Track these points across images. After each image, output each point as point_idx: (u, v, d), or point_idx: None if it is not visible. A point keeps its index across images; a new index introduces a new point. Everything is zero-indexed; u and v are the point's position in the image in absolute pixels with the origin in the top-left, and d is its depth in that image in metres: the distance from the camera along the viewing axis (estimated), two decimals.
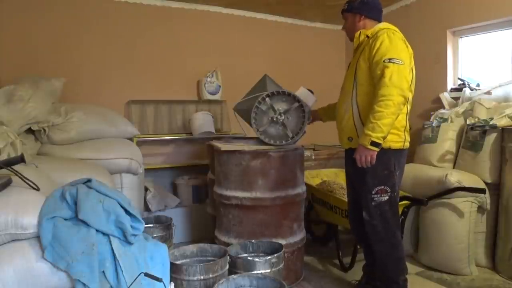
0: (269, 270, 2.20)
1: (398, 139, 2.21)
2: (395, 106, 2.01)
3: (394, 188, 2.23)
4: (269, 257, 2.23)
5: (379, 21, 2.32)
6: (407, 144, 2.27)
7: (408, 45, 2.18)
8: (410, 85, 2.11)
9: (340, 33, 5.04)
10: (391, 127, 2.07)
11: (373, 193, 2.21)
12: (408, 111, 2.24)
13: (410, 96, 2.13)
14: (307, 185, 2.96)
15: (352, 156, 2.21)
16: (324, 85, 3.75)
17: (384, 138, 2.06)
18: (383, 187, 2.20)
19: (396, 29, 2.24)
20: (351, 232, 2.68)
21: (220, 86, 4.09)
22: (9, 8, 3.30)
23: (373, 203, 2.22)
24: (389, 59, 2.03)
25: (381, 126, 2.02)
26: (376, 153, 2.08)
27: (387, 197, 2.21)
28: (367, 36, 2.24)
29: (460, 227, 2.85)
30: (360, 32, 2.28)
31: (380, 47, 2.10)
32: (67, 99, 3.17)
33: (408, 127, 2.26)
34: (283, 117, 2.70)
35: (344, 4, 2.39)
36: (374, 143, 2.05)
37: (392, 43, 2.09)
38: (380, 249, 2.28)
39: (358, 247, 2.87)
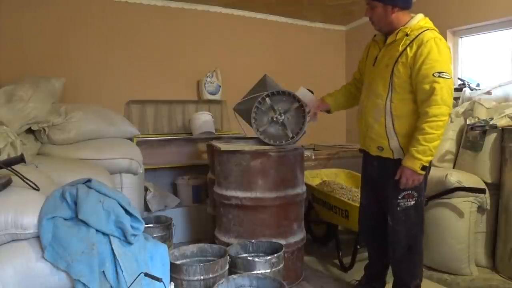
0: (269, 270, 2.20)
1: None
2: (445, 127, 1.94)
3: (421, 193, 2.14)
4: (269, 257, 2.23)
5: (409, 9, 2.09)
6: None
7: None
8: None
9: (340, 33, 5.11)
10: (437, 149, 1.99)
11: (399, 198, 2.11)
12: None
13: None
14: (307, 185, 2.96)
15: (380, 163, 2.15)
16: (324, 85, 3.74)
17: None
18: (410, 191, 2.10)
19: (437, 31, 2.04)
20: (359, 233, 2.66)
21: (220, 86, 4.10)
22: (9, 8, 3.30)
23: (398, 208, 2.13)
24: (439, 73, 1.88)
25: (432, 150, 1.93)
26: (419, 178, 2.00)
27: (413, 202, 2.12)
28: (407, 34, 2.00)
29: (460, 227, 2.84)
30: (400, 30, 2.03)
31: (428, 57, 1.91)
32: (67, 99, 3.17)
33: None
34: (283, 117, 2.70)
35: None
36: (423, 167, 1.97)
37: (442, 54, 1.92)
38: (397, 251, 2.21)
39: (358, 247, 2.88)
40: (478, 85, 3.59)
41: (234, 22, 4.35)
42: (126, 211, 1.67)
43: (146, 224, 2.44)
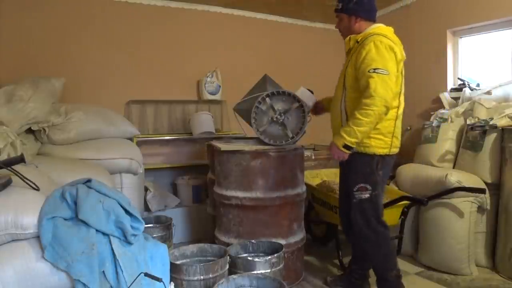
0: (269, 270, 2.20)
1: (384, 145, 2.26)
2: (375, 116, 2.08)
3: (375, 187, 2.27)
4: (269, 257, 2.23)
5: (374, 21, 2.32)
6: (395, 150, 2.33)
7: (397, 51, 2.17)
8: (400, 92, 2.23)
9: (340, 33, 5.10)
10: (367, 134, 2.16)
11: (354, 190, 2.28)
12: (398, 116, 2.27)
13: (395, 103, 2.20)
14: (307, 185, 2.96)
15: (346, 160, 2.29)
16: (324, 85, 3.74)
17: (357, 143, 2.17)
18: (363, 184, 2.26)
19: (388, 32, 2.24)
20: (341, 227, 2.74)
21: (220, 86, 4.09)
22: (9, 8, 3.30)
23: (354, 200, 2.29)
24: (374, 69, 2.07)
25: (356, 133, 2.12)
26: (347, 155, 2.21)
27: (368, 195, 2.26)
28: (357, 42, 2.25)
29: (460, 227, 2.85)
30: (350, 37, 2.30)
31: (366, 56, 2.12)
32: (67, 99, 3.17)
33: (397, 133, 2.31)
34: (283, 117, 2.70)
35: (338, 3, 2.34)
36: (346, 146, 2.17)
37: (379, 52, 2.10)
38: (365, 247, 2.36)
39: None
40: (478, 85, 3.59)
41: (234, 22, 4.35)
42: (126, 211, 1.67)
43: (146, 224, 2.44)
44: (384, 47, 2.12)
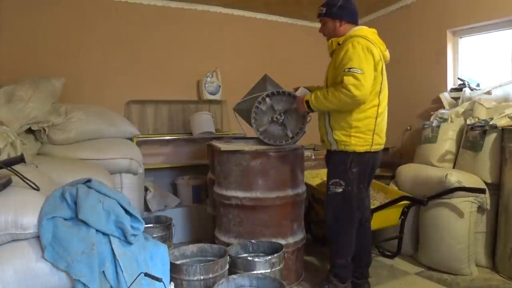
0: (269, 270, 2.20)
1: (364, 143, 2.37)
2: (339, 101, 2.24)
3: (349, 183, 2.41)
4: (269, 257, 2.23)
5: (356, 24, 2.44)
6: (377, 147, 2.44)
7: (375, 52, 2.27)
8: (380, 91, 2.35)
9: None
10: (325, 109, 2.38)
11: (330, 184, 2.46)
12: (379, 114, 2.38)
13: (375, 101, 2.34)
14: (307, 185, 2.96)
15: (327, 152, 2.55)
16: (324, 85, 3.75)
17: (314, 110, 2.43)
18: (337, 180, 2.42)
19: (368, 34, 2.35)
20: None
21: (220, 86, 4.09)
22: (9, 8, 3.30)
23: (329, 192, 2.47)
24: (349, 68, 2.19)
25: (319, 103, 2.34)
26: (303, 110, 2.50)
27: (341, 190, 2.41)
28: (339, 44, 2.38)
29: (460, 227, 2.84)
30: (332, 40, 2.43)
31: (344, 56, 2.26)
32: (68, 99, 3.16)
33: (379, 130, 2.41)
34: (283, 117, 2.70)
35: (321, 8, 2.46)
36: (308, 104, 2.42)
37: (355, 53, 2.22)
38: (328, 233, 2.55)
39: None
40: (478, 85, 3.59)
41: (234, 22, 4.35)
42: (126, 211, 1.67)
43: (146, 224, 2.44)
44: (361, 48, 2.23)
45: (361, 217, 2.55)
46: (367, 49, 2.24)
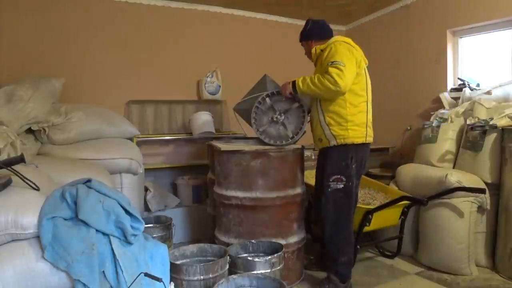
0: (269, 270, 2.20)
1: (360, 135, 2.55)
2: (324, 87, 2.40)
3: (349, 179, 2.53)
4: (269, 257, 2.23)
5: (329, 37, 2.68)
6: (370, 139, 2.63)
7: (354, 52, 2.53)
8: (367, 89, 2.57)
9: (340, 33, 5.09)
10: (309, 92, 2.52)
11: (330, 181, 2.54)
12: (368, 110, 2.60)
13: (363, 98, 2.54)
14: (307, 185, 2.96)
15: (323, 152, 2.64)
16: None
17: (298, 93, 2.57)
18: (339, 176, 2.52)
19: (347, 40, 2.61)
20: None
21: (220, 86, 4.10)
22: (9, 8, 3.30)
23: (329, 189, 2.55)
24: (332, 62, 2.41)
25: (305, 85, 2.50)
26: (288, 92, 2.62)
27: (342, 186, 2.53)
28: (321, 50, 2.62)
29: (460, 227, 2.84)
30: (316, 48, 2.68)
31: (328, 54, 2.52)
32: (68, 99, 3.17)
33: (369, 123, 2.61)
34: (283, 117, 2.71)
35: (299, 36, 2.85)
36: (294, 86, 2.57)
37: (337, 49, 2.48)
38: (328, 230, 2.59)
39: (358, 247, 2.88)
40: (478, 85, 3.59)
41: (234, 22, 4.35)
42: (126, 211, 1.67)
43: (146, 224, 2.44)
44: (343, 46, 2.52)
45: None
46: (348, 48, 2.52)
